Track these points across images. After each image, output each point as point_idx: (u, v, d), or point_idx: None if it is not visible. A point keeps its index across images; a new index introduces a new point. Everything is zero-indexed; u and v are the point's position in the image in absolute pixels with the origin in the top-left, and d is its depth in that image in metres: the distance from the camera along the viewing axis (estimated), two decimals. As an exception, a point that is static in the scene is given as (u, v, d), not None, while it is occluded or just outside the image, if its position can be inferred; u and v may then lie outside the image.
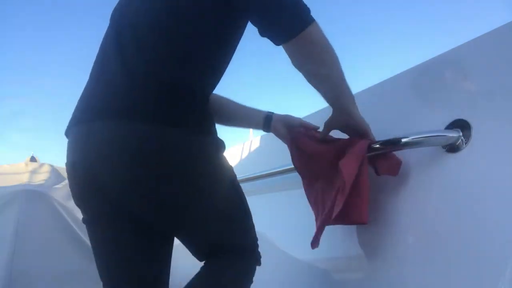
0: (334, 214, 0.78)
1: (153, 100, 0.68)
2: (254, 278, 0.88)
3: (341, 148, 0.83)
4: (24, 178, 1.94)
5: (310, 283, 1.08)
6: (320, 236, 0.85)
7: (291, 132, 0.94)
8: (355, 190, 0.77)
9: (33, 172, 2.07)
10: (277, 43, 0.71)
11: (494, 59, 0.75)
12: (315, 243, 0.85)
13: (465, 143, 0.75)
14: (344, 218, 0.80)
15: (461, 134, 0.75)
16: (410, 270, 0.80)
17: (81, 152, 0.71)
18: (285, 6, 0.68)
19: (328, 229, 0.90)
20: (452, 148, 0.77)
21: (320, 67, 0.75)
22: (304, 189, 0.93)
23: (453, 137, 0.76)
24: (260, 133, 1.33)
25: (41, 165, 2.22)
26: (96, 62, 0.80)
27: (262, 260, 0.90)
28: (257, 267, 0.89)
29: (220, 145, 0.78)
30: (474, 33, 0.80)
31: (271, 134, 1.51)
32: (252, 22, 0.74)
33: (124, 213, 0.74)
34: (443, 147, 0.79)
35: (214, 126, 0.79)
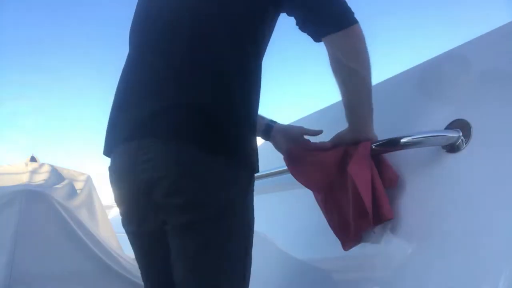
0: (371, 218, 0.76)
1: (199, 125, 0.67)
2: (254, 278, 0.88)
3: (344, 154, 0.82)
4: (24, 178, 1.93)
5: (310, 283, 1.08)
6: (358, 242, 0.84)
7: (290, 145, 0.92)
8: (374, 191, 0.77)
9: (33, 172, 2.07)
10: (324, 33, 0.69)
11: (494, 59, 0.75)
12: (347, 246, 0.85)
13: (465, 143, 0.75)
14: (374, 219, 0.78)
15: (461, 134, 0.75)
16: (411, 270, 0.79)
17: (130, 168, 0.69)
18: (336, 2, 0.68)
19: (328, 228, 0.90)
20: (452, 148, 0.77)
21: (361, 65, 0.73)
22: (318, 200, 0.90)
23: (453, 137, 0.76)
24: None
25: (41, 165, 2.22)
26: (125, 87, 0.77)
27: (261, 260, 0.89)
28: (256, 267, 0.87)
29: (251, 182, 0.78)
30: (474, 33, 0.80)
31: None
32: (295, 15, 0.71)
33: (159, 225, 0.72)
34: (443, 147, 0.79)
35: (253, 157, 0.76)
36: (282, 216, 1.32)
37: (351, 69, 0.73)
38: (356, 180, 0.74)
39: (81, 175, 2.38)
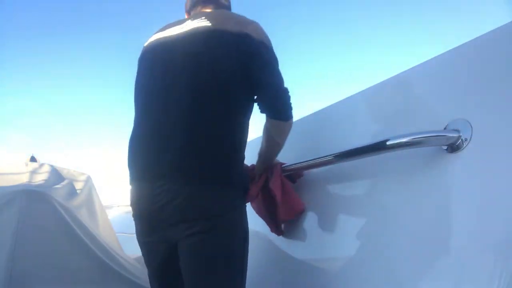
0: (282, 215, 1.15)
1: (205, 167, 0.92)
2: (254, 277, 0.88)
3: (265, 177, 1.16)
4: (24, 178, 1.93)
5: (310, 282, 1.08)
6: (281, 227, 1.21)
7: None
8: (284, 194, 1.14)
9: (33, 172, 2.06)
10: (275, 118, 1.01)
11: (494, 59, 0.75)
12: (279, 232, 1.21)
13: (465, 143, 0.75)
14: (291, 213, 1.17)
15: (461, 134, 0.75)
16: (411, 269, 0.80)
17: (147, 202, 0.95)
18: (285, 103, 0.99)
19: (329, 229, 0.90)
20: (452, 148, 0.77)
21: (282, 141, 1.07)
22: (252, 206, 1.21)
23: (453, 137, 0.76)
24: (260, 133, 1.33)
25: (41, 165, 2.22)
26: (143, 133, 1.02)
27: (261, 258, 0.90)
28: (257, 266, 0.91)
29: (243, 200, 1.03)
30: (474, 33, 0.80)
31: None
32: (258, 102, 1.01)
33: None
34: (443, 147, 0.79)
35: (243, 180, 1.03)
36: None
37: (276, 138, 1.06)
38: (274, 190, 1.11)
39: (81, 175, 2.38)
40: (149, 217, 0.97)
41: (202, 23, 0.98)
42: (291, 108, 1.00)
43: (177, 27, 1.04)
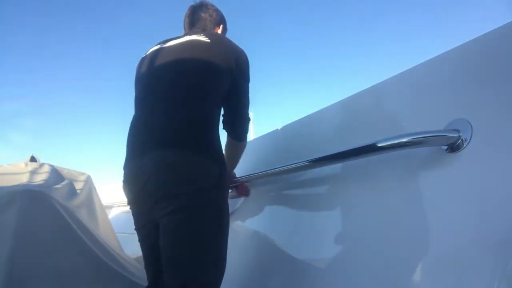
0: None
1: (179, 136, 1.01)
2: (255, 276, 0.88)
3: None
4: (24, 178, 1.93)
5: (310, 282, 1.08)
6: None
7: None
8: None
9: (33, 172, 2.06)
10: (236, 138, 1.23)
11: (494, 59, 0.75)
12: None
13: (465, 143, 0.75)
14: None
15: (461, 134, 0.75)
16: (411, 269, 0.79)
17: (137, 171, 1.04)
18: (243, 126, 1.21)
19: (329, 229, 0.90)
20: (452, 148, 0.77)
21: (238, 155, 1.30)
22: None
23: (453, 137, 0.76)
24: (260, 133, 1.34)
25: (41, 165, 2.21)
26: (137, 119, 1.14)
27: (261, 258, 0.90)
28: (257, 266, 0.91)
29: (222, 170, 1.08)
30: (474, 33, 0.80)
31: (271, 135, 1.51)
32: (225, 111, 1.17)
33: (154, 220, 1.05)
34: (443, 147, 0.79)
35: (220, 152, 1.11)
36: (282, 216, 1.32)
37: (232, 154, 1.26)
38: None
39: (81, 175, 2.38)
40: (138, 197, 1.06)
41: (201, 37, 1.11)
42: (247, 130, 1.24)
43: (177, 39, 1.17)
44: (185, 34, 1.19)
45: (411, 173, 0.87)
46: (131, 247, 2.54)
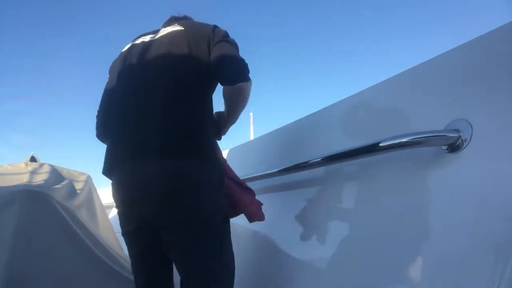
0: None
1: (169, 144, 0.95)
2: (255, 276, 0.88)
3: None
4: (24, 178, 1.92)
5: (310, 282, 1.08)
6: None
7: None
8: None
9: (33, 172, 2.06)
10: (225, 83, 1.06)
11: (494, 59, 0.75)
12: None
13: (465, 143, 0.75)
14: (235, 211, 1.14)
15: (461, 134, 0.75)
16: (411, 269, 0.79)
17: (126, 181, 0.99)
18: (238, 65, 1.05)
19: (331, 229, 0.90)
20: (452, 148, 0.77)
21: (236, 105, 1.12)
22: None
23: (453, 137, 0.76)
24: (260, 133, 1.33)
25: (41, 165, 2.21)
26: (116, 116, 1.07)
27: (262, 257, 0.90)
28: (260, 265, 0.91)
29: (222, 172, 1.06)
30: (474, 33, 0.80)
31: (272, 134, 1.51)
32: (215, 76, 1.05)
33: (148, 228, 1.00)
34: (443, 147, 0.79)
35: (218, 155, 1.06)
36: (283, 215, 1.32)
37: (232, 103, 1.11)
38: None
39: (81, 175, 2.38)
40: (130, 203, 1.01)
41: (175, 27, 1.10)
42: (247, 70, 1.06)
43: (151, 34, 1.16)
44: (162, 27, 1.17)
45: (411, 173, 0.87)
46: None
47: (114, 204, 1.09)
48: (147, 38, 1.14)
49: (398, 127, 0.93)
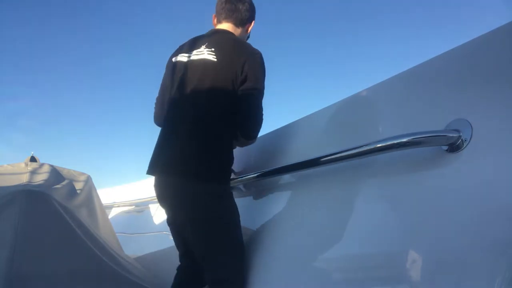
0: None
1: (192, 166, 1.22)
2: (255, 276, 0.88)
3: None
4: (24, 178, 1.93)
5: (311, 282, 1.08)
6: None
7: None
8: None
9: (33, 172, 2.06)
10: (243, 137, 1.31)
11: (494, 59, 0.75)
12: None
13: (465, 143, 0.75)
14: None
15: (461, 134, 0.75)
16: (411, 269, 0.79)
17: (157, 187, 1.32)
18: (258, 126, 1.31)
19: (331, 229, 0.90)
20: (452, 148, 0.77)
21: (245, 146, 1.42)
22: None
23: (453, 137, 0.76)
24: (260, 133, 1.34)
25: (41, 165, 2.21)
26: (162, 134, 1.35)
27: (264, 257, 0.90)
28: (263, 265, 0.93)
29: (230, 192, 1.34)
30: (474, 33, 0.80)
31: (272, 134, 1.50)
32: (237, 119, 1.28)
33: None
34: (443, 147, 0.79)
35: (229, 175, 1.32)
36: (283, 215, 1.32)
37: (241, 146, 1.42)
38: None
39: (81, 175, 2.38)
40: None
41: (209, 56, 1.26)
42: (256, 132, 1.32)
43: (194, 51, 1.32)
44: (204, 41, 1.33)
45: (411, 173, 0.87)
46: (131, 247, 2.54)
47: (114, 204, 1.14)
48: (188, 56, 1.33)
49: (398, 127, 0.93)
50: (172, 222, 1.39)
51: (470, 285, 0.67)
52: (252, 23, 1.44)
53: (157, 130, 1.41)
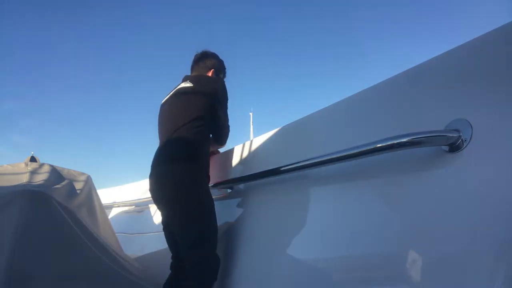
0: None
1: (170, 155, 1.53)
2: (255, 276, 0.88)
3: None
4: (24, 178, 1.92)
5: (310, 281, 1.08)
6: None
7: None
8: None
9: (33, 172, 2.06)
10: (217, 145, 1.79)
11: (494, 59, 0.75)
12: None
13: (465, 143, 0.75)
14: None
15: (461, 134, 0.75)
16: (411, 269, 0.79)
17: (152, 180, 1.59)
18: (227, 135, 1.74)
19: (331, 229, 0.90)
20: (452, 148, 0.77)
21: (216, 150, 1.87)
22: None
23: (453, 137, 0.76)
24: (260, 133, 1.34)
25: (41, 165, 2.21)
26: (159, 137, 1.69)
27: (264, 256, 0.90)
28: (264, 264, 0.92)
29: (206, 173, 1.56)
30: (474, 33, 0.80)
31: (271, 134, 1.51)
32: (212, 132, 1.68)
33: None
34: (443, 147, 0.79)
35: (204, 159, 1.57)
36: (283, 215, 1.32)
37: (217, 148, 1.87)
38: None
39: (81, 175, 2.38)
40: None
41: (187, 84, 1.66)
42: (226, 139, 1.74)
43: (175, 88, 1.72)
44: (182, 81, 1.75)
45: (411, 173, 0.87)
46: (131, 247, 2.54)
47: (114, 204, 1.14)
48: (172, 92, 1.73)
49: (398, 127, 0.93)
50: (163, 221, 1.57)
51: (470, 285, 0.67)
52: (211, 72, 1.77)
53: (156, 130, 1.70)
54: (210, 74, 1.76)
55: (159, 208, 1.60)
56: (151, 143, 1.52)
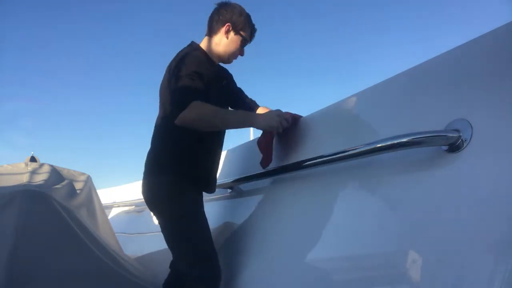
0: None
1: (149, 166, 1.43)
2: (255, 276, 0.88)
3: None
4: (24, 178, 1.92)
5: (310, 281, 1.08)
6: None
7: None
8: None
9: (33, 172, 2.06)
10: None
11: (494, 59, 0.75)
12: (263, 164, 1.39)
13: (465, 143, 0.75)
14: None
15: (461, 134, 0.75)
16: (411, 269, 0.79)
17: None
18: (173, 102, 1.32)
19: (331, 229, 0.90)
20: (452, 148, 0.77)
21: (205, 128, 1.31)
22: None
23: (453, 137, 0.75)
24: (259, 133, 1.34)
25: (41, 165, 2.21)
26: None
27: (265, 257, 0.89)
28: (265, 265, 0.92)
29: (183, 179, 1.36)
30: (474, 33, 0.80)
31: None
32: None
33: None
34: (443, 147, 0.79)
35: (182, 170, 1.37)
36: (283, 215, 1.32)
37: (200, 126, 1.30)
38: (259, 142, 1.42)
39: (81, 175, 2.38)
40: None
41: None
42: (180, 106, 1.21)
43: None
44: None
45: (411, 173, 0.87)
46: (131, 247, 2.54)
47: (114, 204, 1.14)
48: None
49: (398, 127, 0.93)
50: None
51: (470, 285, 0.67)
52: (226, 26, 1.37)
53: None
54: (222, 30, 1.38)
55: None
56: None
